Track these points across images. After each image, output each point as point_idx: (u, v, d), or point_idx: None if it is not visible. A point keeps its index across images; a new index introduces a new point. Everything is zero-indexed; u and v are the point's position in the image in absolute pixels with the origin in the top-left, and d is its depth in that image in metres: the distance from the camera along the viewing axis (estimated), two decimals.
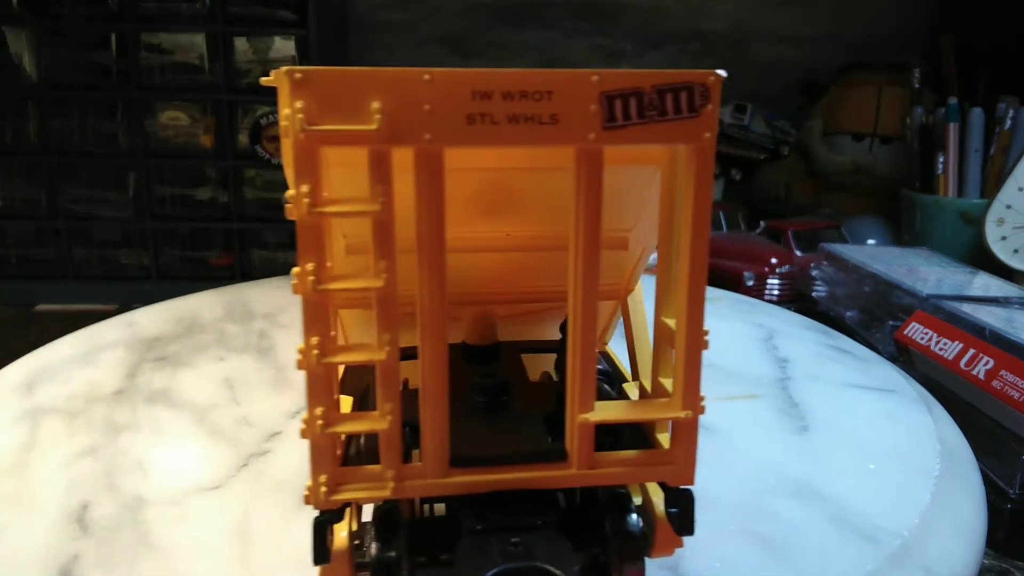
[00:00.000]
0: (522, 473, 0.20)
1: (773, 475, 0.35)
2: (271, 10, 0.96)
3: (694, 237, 0.19)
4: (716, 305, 0.61)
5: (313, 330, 0.18)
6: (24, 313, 0.93)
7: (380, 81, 0.17)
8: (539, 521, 0.20)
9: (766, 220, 0.96)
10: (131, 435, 0.40)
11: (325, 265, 0.18)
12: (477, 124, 0.17)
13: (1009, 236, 0.82)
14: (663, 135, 0.17)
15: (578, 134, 0.17)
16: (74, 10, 0.93)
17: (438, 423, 0.19)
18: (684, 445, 0.20)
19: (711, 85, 0.17)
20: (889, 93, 1.07)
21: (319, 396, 0.19)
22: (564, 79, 0.17)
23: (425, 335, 0.19)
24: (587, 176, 0.18)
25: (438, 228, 0.18)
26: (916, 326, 0.57)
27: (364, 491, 0.20)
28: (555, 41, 1.26)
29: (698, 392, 0.20)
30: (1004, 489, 0.45)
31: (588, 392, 0.19)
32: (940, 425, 0.40)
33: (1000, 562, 0.44)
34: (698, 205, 0.19)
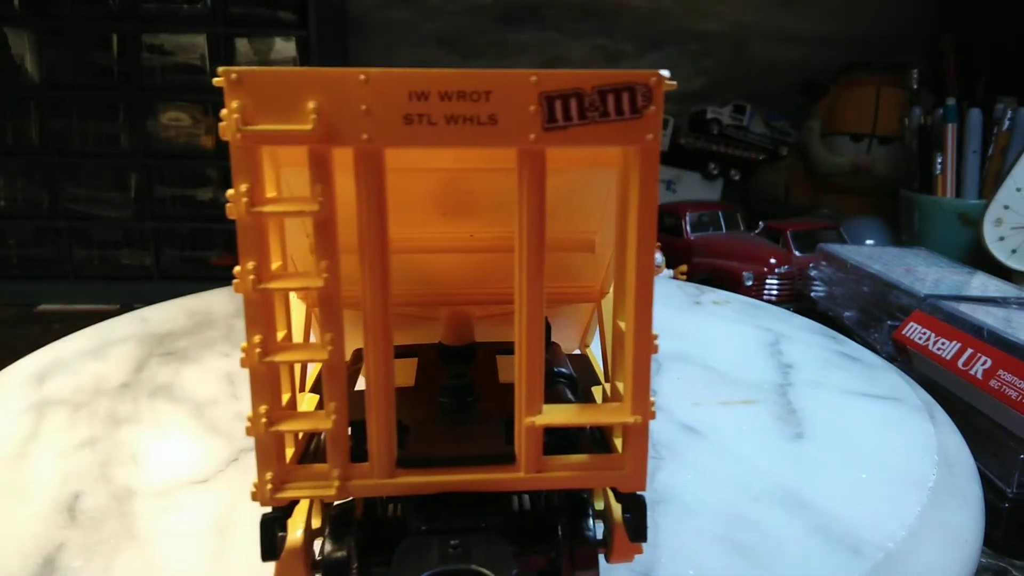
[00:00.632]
0: (469, 475, 0.20)
1: (760, 482, 0.34)
2: (272, 11, 0.96)
3: (639, 240, 0.18)
4: (724, 308, 0.60)
5: (255, 329, 0.18)
6: (25, 313, 0.93)
7: (316, 81, 0.17)
8: (484, 524, 0.20)
9: (765, 220, 0.97)
10: (130, 428, 0.41)
11: (267, 264, 0.18)
12: (415, 125, 0.17)
13: (1007, 236, 0.82)
14: (605, 137, 0.17)
15: (518, 135, 0.17)
16: (75, 11, 0.93)
17: (383, 424, 0.19)
18: (634, 450, 0.20)
19: (653, 86, 0.17)
20: (888, 94, 1.07)
21: (263, 394, 0.19)
22: (502, 79, 0.17)
23: (369, 336, 0.19)
24: (529, 178, 0.18)
25: (380, 228, 0.18)
26: (914, 326, 0.57)
27: (310, 489, 0.20)
28: (555, 41, 1.27)
29: (647, 397, 0.19)
30: (1002, 488, 0.45)
31: (535, 395, 0.19)
32: (942, 435, 0.40)
33: (998, 561, 0.44)
34: (643, 208, 0.18)
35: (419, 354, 0.29)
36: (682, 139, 1.13)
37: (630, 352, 0.19)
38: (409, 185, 0.23)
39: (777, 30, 1.24)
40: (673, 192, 1.17)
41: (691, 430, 0.39)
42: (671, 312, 0.59)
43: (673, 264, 0.89)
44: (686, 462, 0.36)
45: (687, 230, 0.94)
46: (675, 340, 0.52)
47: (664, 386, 0.44)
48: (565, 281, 0.29)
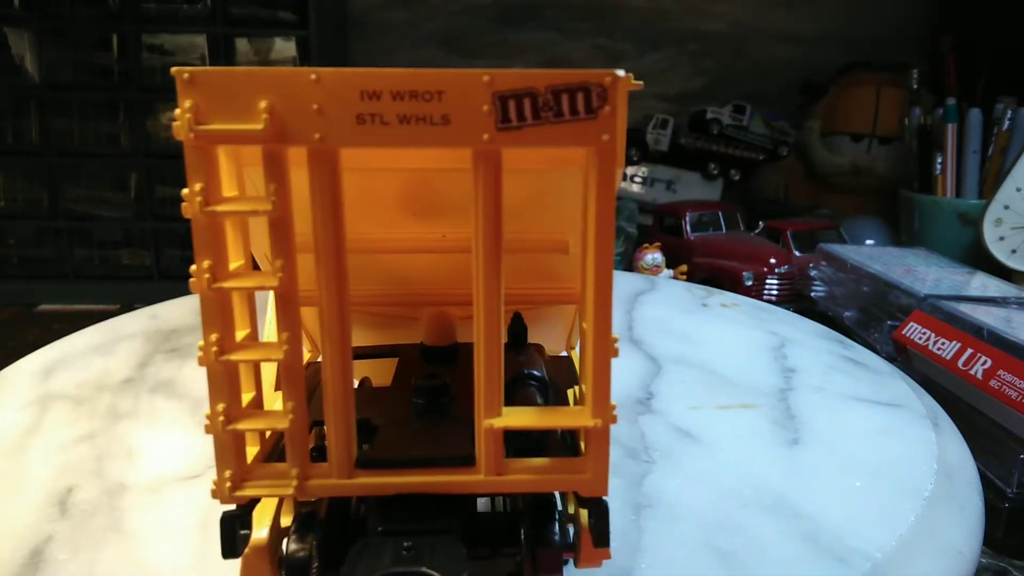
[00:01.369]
0: (427, 477, 0.20)
1: (751, 488, 0.34)
2: (272, 11, 0.96)
3: (597, 242, 0.18)
4: (732, 311, 0.59)
5: (212, 327, 0.18)
6: (25, 313, 0.93)
7: (268, 81, 0.17)
8: (441, 526, 0.20)
9: (765, 220, 0.97)
10: (128, 423, 0.41)
11: (224, 263, 0.18)
12: (367, 124, 0.17)
13: (1007, 236, 0.82)
14: (560, 137, 0.17)
15: (471, 135, 0.17)
16: (75, 11, 0.93)
17: (341, 424, 0.19)
18: (595, 455, 0.19)
19: (608, 86, 0.16)
20: (888, 94, 1.07)
21: (220, 393, 0.19)
22: (454, 79, 0.17)
23: (326, 336, 0.19)
24: (484, 178, 0.17)
25: (335, 227, 0.18)
26: (914, 326, 0.57)
27: (268, 488, 0.20)
28: (555, 41, 1.27)
29: (608, 401, 0.19)
30: (1002, 488, 0.45)
31: (494, 398, 0.19)
32: (944, 444, 0.39)
33: (998, 561, 0.44)
34: (600, 210, 0.18)
35: (401, 354, 0.29)
36: (682, 139, 1.14)
37: (589, 355, 0.19)
38: (376, 185, 0.23)
39: (777, 30, 1.24)
40: (673, 192, 1.17)
41: (685, 434, 0.38)
42: (677, 314, 0.58)
43: (673, 264, 0.89)
44: (677, 466, 0.35)
45: (687, 230, 0.94)
46: (678, 343, 0.51)
47: (663, 389, 0.44)
48: (545, 282, 0.29)
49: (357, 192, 0.23)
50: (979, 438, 0.47)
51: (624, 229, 0.95)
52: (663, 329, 0.53)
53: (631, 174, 1.18)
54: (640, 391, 0.43)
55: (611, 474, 0.33)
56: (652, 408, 0.41)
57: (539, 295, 0.29)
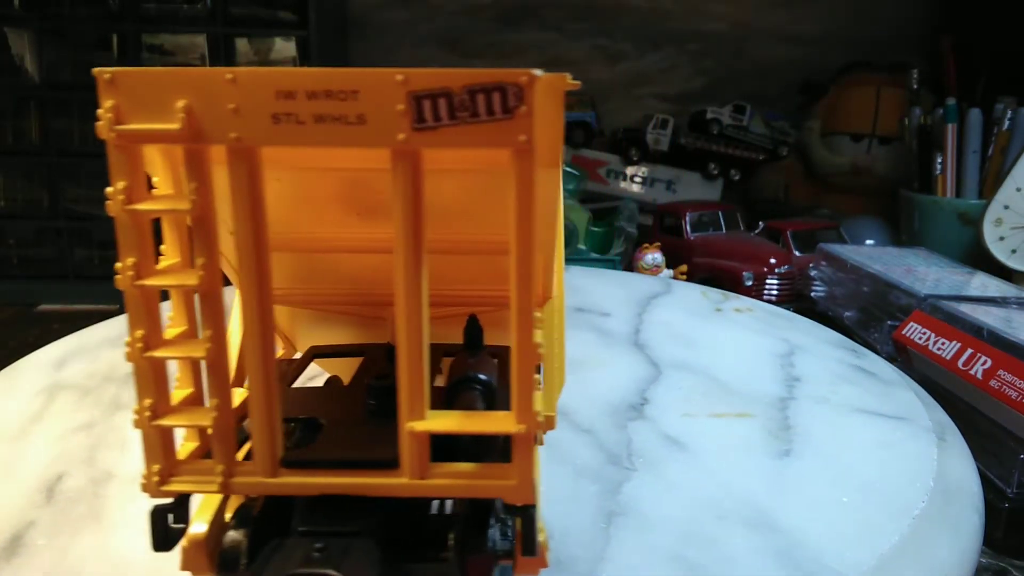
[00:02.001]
0: (350, 479, 0.20)
1: (731, 500, 0.33)
2: (272, 11, 0.96)
3: (518, 246, 0.18)
4: (745, 316, 0.57)
5: (137, 324, 0.19)
6: (25, 313, 0.93)
7: (185, 81, 0.17)
8: (361, 528, 0.20)
9: (765, 220, 0.97)
10: (126, 414, 0.41)
11: (148, 260, 0.18)
12: (283, 124, 0.17)
13: (1007, 236, 0.82)
14: (477, 138, 0.17)
15: (386, 135, 0.17)
16: (75, 11, 0.93)
17: (264, 422, 0.19)
18: (520, 461, 0.19)
19: (524, 85, 0.16)
20: (888, 94, 1.07)
21: (147, 388, 0.19)
22: (368, 78, 0.17)
23: (248, 335, 0.19)
24: (402, 179, 0.17)
25: (255, 225, 0.18)
26: (914, 326, 0.57)
27: (193, 484, 0.20)
28: (555, 41, 1.27)
29: (531, 406, 0.18)
30: (1002, 488, 0.45)
31: (416, 400, 0.19)
32: (947, 460, 0.37)
33: (998, 561, 0.44)
34: (520, 214, 0.17)
35: (366, 353, 0.29)
36: (682, 139, 1.14)
37: (514, 360, 0.18)
38: (318, 184, 0.23)
39: (777, 30, 1.24)
40: (673, 192, 1.17)
41: (673, 441, 0.38)
42: (687, 319, 0.56)
43: (673, 264, 0.89)
44: (658, 474, 0.35)
45: (687, 230, 0.94)
46: (683, 348, 0.50)
47: (659, 395, 0.43)
48: (503, 284, 0.29)
49: (313, 191, 0.24)
50: (979, 438, 0.47)
51: (624, 229, 0.95)
52: (670, 333, 0.53)
53: (631, 174, 1.18)
54: (635, 396, 0.42)
55: (589, 480, 0.33)
56: (644, 414, 0.40)
57: (496, 297, 0.29)
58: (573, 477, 0.34)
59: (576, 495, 0.32)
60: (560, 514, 0.31)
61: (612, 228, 0.97)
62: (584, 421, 0.39)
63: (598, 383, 0.44)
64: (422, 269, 0.18)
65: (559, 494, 0.32)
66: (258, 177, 0.18)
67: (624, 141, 1.17)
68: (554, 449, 0.36)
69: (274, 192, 0.18)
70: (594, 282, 0.66)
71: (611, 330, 0.53)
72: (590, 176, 1.16)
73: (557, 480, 0.34)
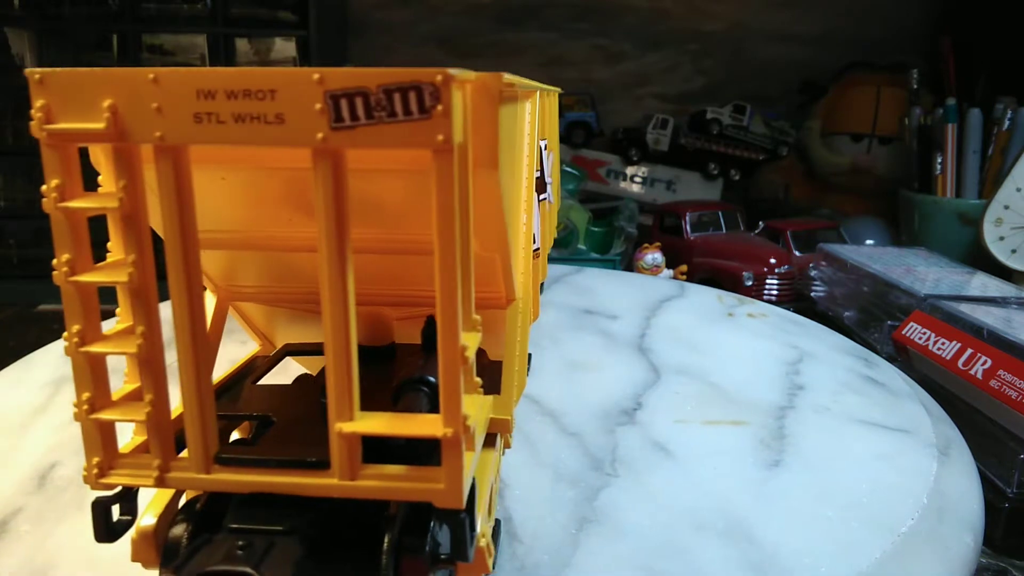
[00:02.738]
0: (281, 478, 0.20)
1: (710, 510, 0.32)
2: (272, 11, 0.96)
3: (440, 249, 0.17)
4: (757, 322, 0.56)
5: (73, 320, 0.19)
6: (25, 313, 0.93)
7: (110, 81, 0.17)
8: (290, 527, 0.20)
9: (765, 220, 0.97)
10: None
11: (84, 257, 0.19)
12: (204, 123, 0.17)
13: (1007, 236, 0.83)
14: (395, 138, 0.16)
15: (305, 135, 0.17)
16: (75, 11, 0.93)
17: (196, 419, 0.20)
18: (449, 465, 0.19)
19: (440, 85, 0.16)
20: (888, 94, 1.08)
21: (84, 383, 0.20)
22: (285, 77, 0.17)
23: (178, 332, 0.19)
24: (323, 178, 0.17)
25: (183, 223, 0.18)
26: (914, 326, 0.58)
27: (131, 477, 0.20)
28: (555, 41, 1.27)
29: (458, 410, 0.18)
30: (1002, 488, 0.45)
31: (344, 401, 0.19)
32: (946, 476, 0.35)
33: (998, 561, 0.44)
34: (440, 217, 0.17)
35: None
36: (682, 139, 1.14)
37: (440, 363, 0.18)
38: (263, 183, 0.24)
39: (777, 30, 1.24)
40: (673, 192, 1.17)
41: (661, 448, 0.37)
42: (697, 323, 0.55)
43: (673, 264, 0.89)
44: (639, 481, 0.34)
45: (687, 230, 0.94)
46: (687, 353, 0.49)
47: (654, 400, 0.42)
48: None
49: (274, 191, 0.24)
50: (979, 438, 0.47)
51: (624, 229, 0.95)
52: (677, 338, 0.52)
53: (631, 174, 1.18)
54: (629, 401, 0.42)
55: (567, 485, 0.33)
56: (635, 419, 0.40)
57: None
58: (552, 481, 0.33)
59: (552, 499, 0.32)
60: (533, 518, 0.30)
61: (612, 228, 0.97)
62: (572, 424, 0.39)
63: (594, 386, 0.43)
64: (347, 269, 0.18)
65: (535, 497, 0.32)
66: (185, 176, 0.18)
67: (624, 141, 1.17)
68: (537, 452, 0.36)
69: (228, 191, 0.18)
70: (606, 284, 0.65)
71: (616, 333, 0.52)
72: (590, 176, 1.16)
73: (535, 483, 0.33)
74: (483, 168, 0.20)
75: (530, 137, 0.32)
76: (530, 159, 0.32)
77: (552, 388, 0.43)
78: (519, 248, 0.29)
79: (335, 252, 0.18)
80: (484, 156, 0.20)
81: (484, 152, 0.20)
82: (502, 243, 0.25)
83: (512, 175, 0.26)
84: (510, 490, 0.33)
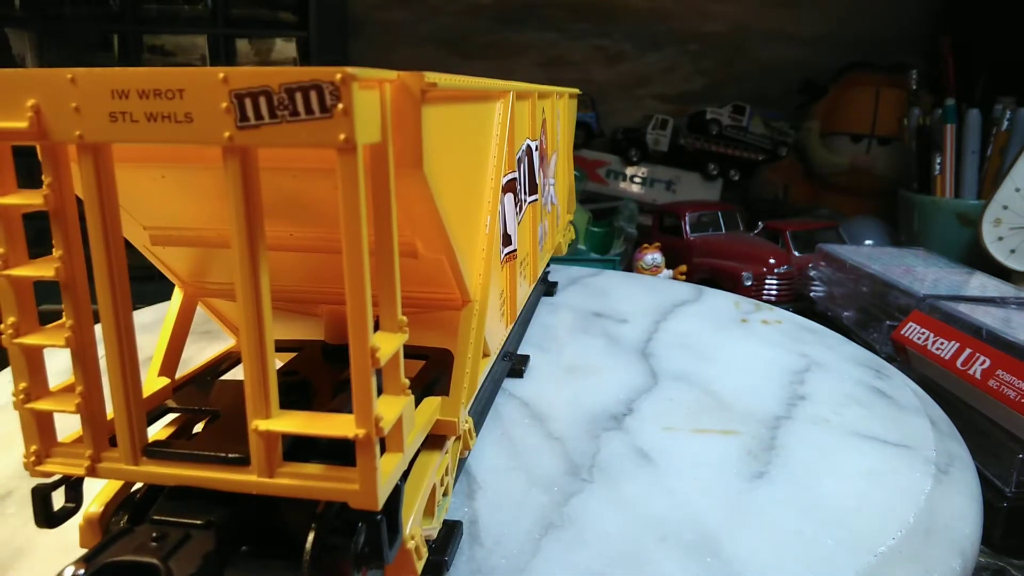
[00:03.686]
0: (203, 472, 0.20)
1: (680, 521, 0.31)
2: (272, 12, 0.97)
3: (347, 249, 0.17)
4: (770, 329, 0.55)
5: (8, 312, 0.20)
6: None
7: (31, 82, 0.18)
8: (207, 521, 0.20)
9: (764, 220, 0.97)
10: None
11: (18, 251, 0.19)
12: (119, 122, 0.17)
13: (1006, 236, 0.83)
14: (298, 136, 0.17)
15: (213, 133, 0.17)
16: (75, 11, 0.93)
17: (122, 411, 0.20)
18: (362, 466, 0.19)
19: (339, 84, 0.16)
20: (887, 94, 1.08)
21: (20, 373, 0.20)
22: (192, 78, 0.17)
23: (105, 328, 0.20)
24: (232, 177, 0.18)
25: (104, 218, 0.19)
26: (913, 326, 0.58)
27: (65, 466, 0.21)
28: (555, 41, 1.27)
29: (370, 412, 0.18)
30: (1000, 488, 0.46)
31: (260, 400, 0.19)
32: (941, 495, 0.34)
33: (996, 560, 0.44)
34: (346, 215, 0.17)
35: (303, 349, 0.30)
36: (682, 139, 1.14)
37: (352, 365, 0.18)
38: (204, 182, 0.24)
39: (777, 30, 1.24)
40: (673, 192, 1.17)
41: (643, 455, 0.36)
42: (707, 329, 0.54)
43: (673, 264, 0.89)
44: (614, 489, 0.33)
45: (687, 230, 0.94)
46: (691, 359, 0.48)
47: (646, 406, 0.41)
48: (423, 287, 0.28)
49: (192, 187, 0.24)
50: (978, 438, 0.47)
51: (624, 229, 0.95)
52: (683, 343, 0.51)
53: (631, 174, 1.18)
54: (620, 406, 0.41)
55: (540, 489, 0.32)
56: (623, 425, 0.39)
57: (419, 299, 0.29)
58: (526, 485, 0.33)
59: (523, 504, 0.31)
60: (499, 522, 0.30)
61: (612, 228, 0.97)
62: (558, 429, 0.38)
63: (588, 390, 0.43)
64: (260, 266, 0.18)
65: (506, 500, 0.32)
66: (109, 172, 0.19)
67: (624, 141, 1.17)
68: (517, 455, 0.35)
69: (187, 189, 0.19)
70: (622, 288, 0.64)
71: (622, 337, 0.52)
72: (590, 176, 1.16)
73: (509, 487, 0.33)
74: (407, 168, 0.20)
75: (500, 139, 0.32)
76: (498, 160, 0.32)
77: (545, 391, 0.42)
78: (474, 250, 0.29)
79: (246, 250, 0.18)
80: (408, 156, 0.20)
81: (408, 152, 0.20)
82: (445, 245, 0.25)
83: (457, 176, 0.26)
84: (482, 492, 0.32)
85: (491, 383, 0.41)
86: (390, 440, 0.20)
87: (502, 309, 0.36)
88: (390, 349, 0.19)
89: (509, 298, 0.38)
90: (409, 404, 0.21)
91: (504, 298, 0.37)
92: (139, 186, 0.24)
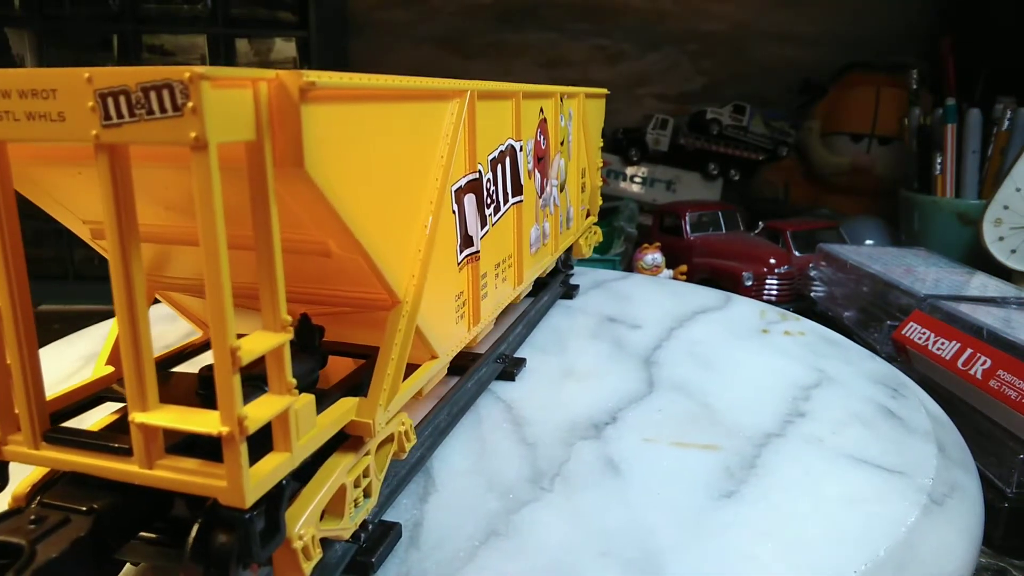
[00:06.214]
0: (93, 460, 0.21)
1: (628, 537, 0.29)
2: (272, 12, 0.96)
3: (204, 250, 0.18)
4: (789, 341, 0.53)
5: None
6: None
7: None
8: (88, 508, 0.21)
9: (765, 220, 0.97)
10: None
11: None
12: (4, 120, 0.18)
13: (1006, 236, 0.83)
14: (155, 134, 0.17)
15: (82, 131, 0.18)
16: (75, 11, 0.93)
17: (23, 397, 0.21)
18: (229, 463, 0.19)
19: (188, 82, 0.16)
20: (887, 94, 1.08)
21: None
22: (62, 78, 0.17)
23: (4, 317, 0.21)
24: (102, 173, 0.18)
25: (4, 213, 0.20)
26: (914, 326, 0.58)
27: None
28: (555, 41, 1.27)
29: (234, 409, 0.18)
30: (1001, 488, 0.45)
31: (137, 394, 0.19)
32: (928, 528, 0.31)
33: (997, 560, 0.44)
34: (203, 215, 0.17)
35: None
36: (682, 139, 1.14)
37: (216, 364, 0.18)
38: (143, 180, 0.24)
39: (777, 30, 1.24)
40: (673, 192, 1.17)
41: (612, 467, 0.34)
42: (723, 338, 0.52)
43: (673, 264, 0.89)
44: (571, 499, 0.32)
45: (687, 230, 0.94)
46: (696, 368, 0.46)
47: (632, 416, 0.39)
48: (349, 286, 0.28)
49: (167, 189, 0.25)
50: (979, 438, 0.47)
51: (624, 229, 0.95)
52: (693, 352, 0.49)
53: (631, 174, 1.18)
54: (605, 415, 0.39)
55: (496, 496, 0.32)
56: (602, 434, 0.37)
57: (351, 298, 0.29)
58: (483, 491, 0.32)
59: (473, 509, 0.31)
60: (443, 526, 0.30)
61: (612, 228, 0.97)
62: (533, 434, 0.37)
63: (577, 397, 0.42)
64: (132, 261, 0.19)
65: (458, 505, 0.31)
66: (5, 169, 0.20)
67: (624, 141, 1.17)
68: (483, 459, 0.35)
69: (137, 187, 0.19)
70: (645, 292, 0.62)
71: (631, 343, 0.50)
72: None
73: (465, 491, 0.32)
74: (289, 167, 0.20)
75: (451, 139, 0.32)
76: (448, 161, 0.31)
77: (534, 395, 0.42)
78: (403, 251, 0.29)
79: (118, 245, 0.19)
80: (290, 154, 0.20)
81: (289, 150, 0.20)
82: (356, 244, 0.25)
83: (371, 176, 0.25)
84: (436, 494, 0.32)
85: (475, 385, 0.40)
86: (277, 440, 0.21)
87: (460, 311, 0.35)
88: (262, 348, 0.19)
89: (471, 300, 0.37)
90: (307, 404, 0.21)
91: (463, 300, 0.36)
92: (66, 182, 0.25)
